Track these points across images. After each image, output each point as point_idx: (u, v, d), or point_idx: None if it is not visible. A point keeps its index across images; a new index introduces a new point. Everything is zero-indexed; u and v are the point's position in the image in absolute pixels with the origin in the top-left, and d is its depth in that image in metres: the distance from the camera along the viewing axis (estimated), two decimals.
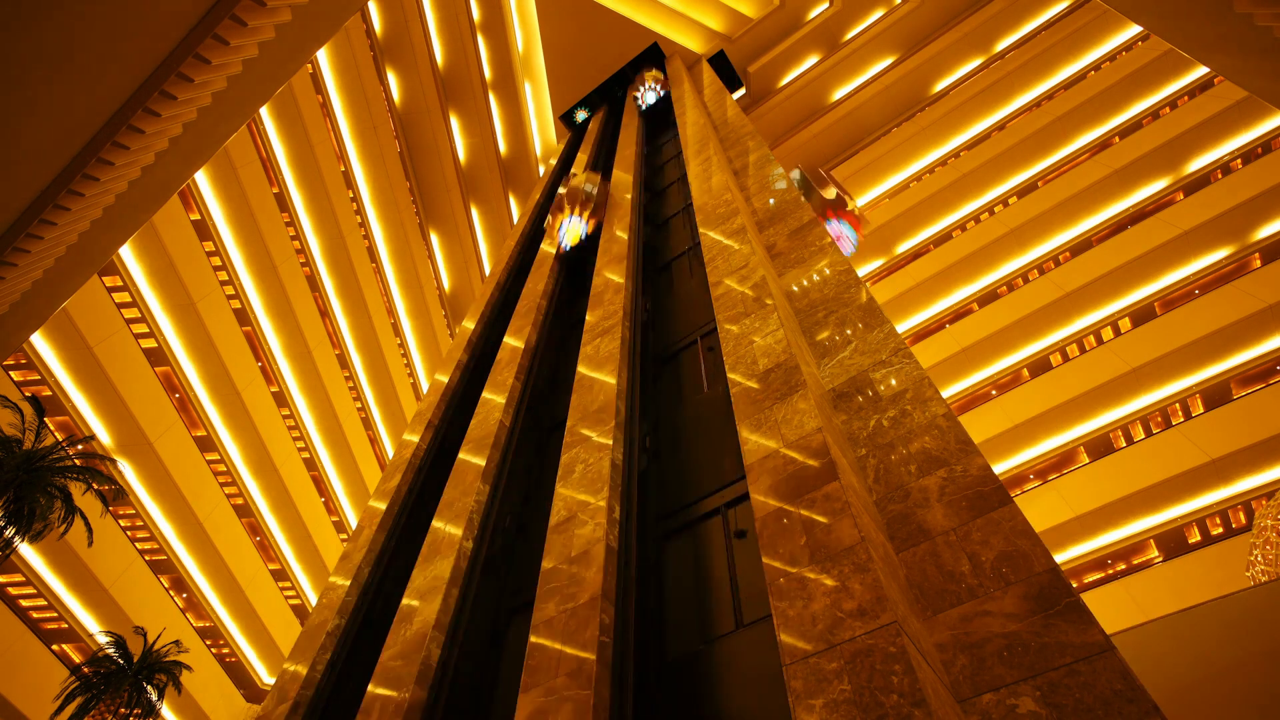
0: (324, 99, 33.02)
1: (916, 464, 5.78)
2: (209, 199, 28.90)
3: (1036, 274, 26.62)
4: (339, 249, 35.60)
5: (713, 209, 12.22)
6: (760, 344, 7.60)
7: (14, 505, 18.95)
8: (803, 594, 4.74)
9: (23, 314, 13.08)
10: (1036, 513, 21.06)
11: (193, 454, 29.70)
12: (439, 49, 34.26)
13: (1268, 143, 23.48)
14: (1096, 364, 22.86)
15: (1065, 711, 3.73)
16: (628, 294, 11.91)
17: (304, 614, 36.53)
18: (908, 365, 6.87)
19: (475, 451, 10.68)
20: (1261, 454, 19.07)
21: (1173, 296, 23.30)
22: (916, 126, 32.60)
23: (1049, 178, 28.09)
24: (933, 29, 33.25)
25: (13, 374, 24.60)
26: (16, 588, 25.32)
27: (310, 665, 9.19)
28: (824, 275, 9.32)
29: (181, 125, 11.34)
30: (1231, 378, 21.15)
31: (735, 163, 16.31)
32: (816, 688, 4.11)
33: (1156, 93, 26.48)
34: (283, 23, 11.01)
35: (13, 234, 11.04)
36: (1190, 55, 10.15)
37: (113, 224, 12.59)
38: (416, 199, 39.45)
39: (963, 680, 4.21)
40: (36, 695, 23.18)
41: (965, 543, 4.94)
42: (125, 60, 9.90)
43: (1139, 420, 22.30)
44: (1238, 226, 22.54)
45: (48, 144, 10.31)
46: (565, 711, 5.43)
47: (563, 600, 6.42)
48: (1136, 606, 18.65)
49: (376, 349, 39.66)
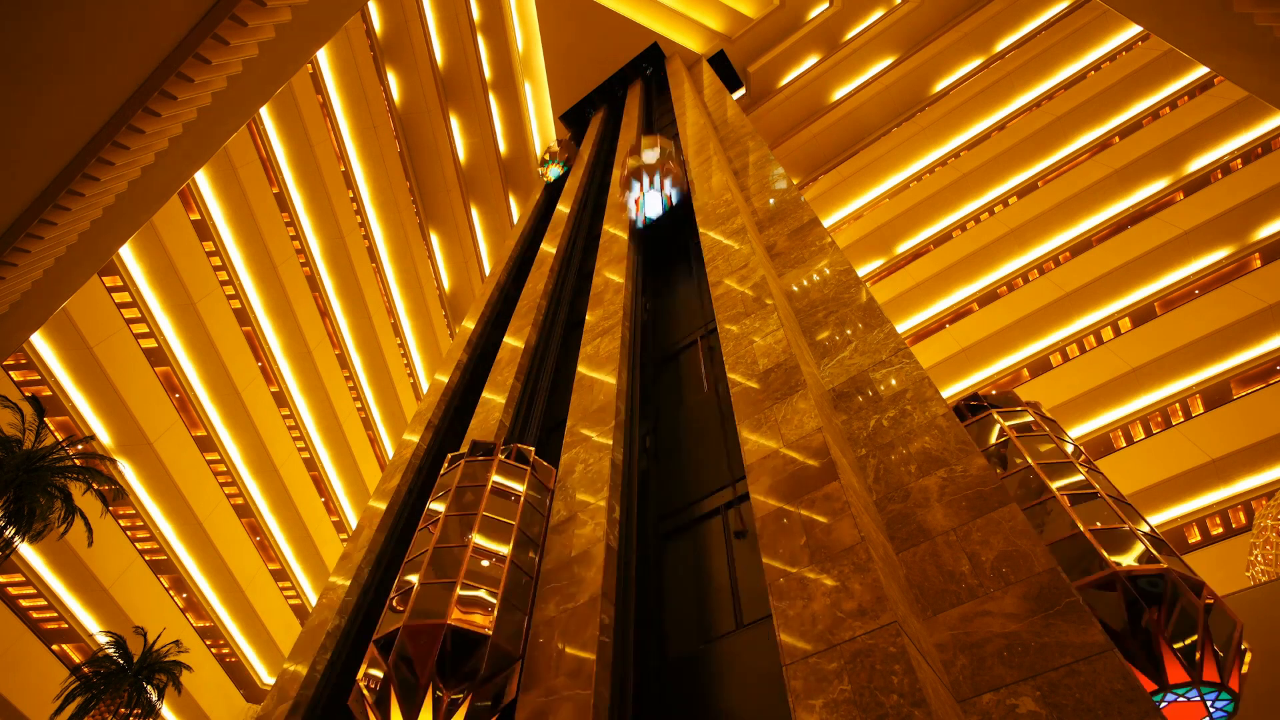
0: (324, 99, 33.03)
1: (916, 464, 5.78)
2: (209, 199, 28.90)
3: (1036, 274, 26.61)
4: (339, 249, 35.61)
5: (713, 209, 12.22)
6: (760, 344, 7.60)
7: (14, 505, 18.94)
8: (803, 594, 4.74)
9: (23, 314, 13.08)
10: None
11: (193, 454, 29.71)
12: (439, 49, 34.27)
13: (1268, 143, 23.48)
14: (1096, 364, 22.85)
15: (1065, 711, 3.73)
16: (628, 294, 11.91)
17: (304, 614, 36.52)
18: (908, 365, 6.87)
19: None
20: (1261, 454, 19.06)
21: (1173, 296, 23.30)
22: (916, 126, 32.60)
23: (1049, 178, 28.09)
24: (933, 29, 33.26)
25: (13, 374, 24.60)
26: (16, 588, 25.33)
27: (310, 665, 9.19)
28: (824, 275, 9.32)
29: (181, 125, 11.34)
30: (1231, 378, 21.15)
31: (735, 163, 16.31)
32: (816, 688, 4.11)
33: (1156, 93, 26.48)
34: (283, 23, 11.01)
35: (13, 234, 11.05)
36: (1190, 55, 10.15)
37: (113, 224, 12.59)
38: (416, 199, 39.46)
39: (963, 680, 4.21)
40: (36, 695, 23.18)
41: (965, 543, 4.94)
42: (125, 60, 9.91)
43: (1139, 420, 22.29)
44: (1238, 226, 22.53)
45: (48, 144, 10.31)
46: (565, 711, 5.43)
47: (563, 600, 6.42)
48: None
49: (376, 349, 39.66)
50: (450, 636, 5.80)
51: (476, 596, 6.25)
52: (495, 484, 7.56)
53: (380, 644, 6.02)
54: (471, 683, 5.75)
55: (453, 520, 7.15)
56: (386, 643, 5.97)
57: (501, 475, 7.75)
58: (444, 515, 7.18)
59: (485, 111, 35.64)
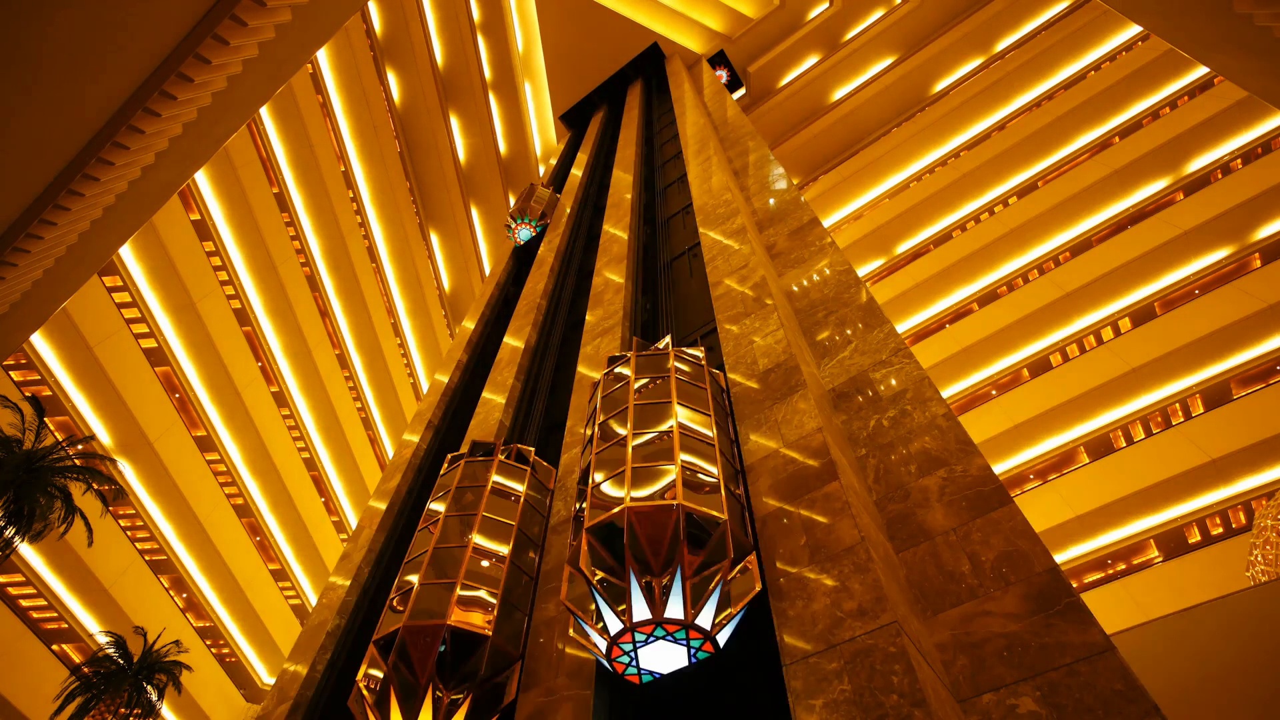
0: (324, 99, 33.02)
1: (916, 464, 5.78)
2: (209, 199, 28.90)
3: (1036, 274, 26.61)
4: (339, 249, 35.60)
5: (713, 209, 12.22)
6: (760, 344, 7.60)
7: (14, 505, 18.93)
8: (803, 594, 4.74)
9: (23, 314, 13.08)
10: (1036, 513, 21.04)
11: (193, 454, 29.70)
12: (439, 49, 34.26)
13: (1268, 143, 23.48)
14: (1096, 364, 22.85)
15: (1065, 711, 3.73)
16: (627, 294, 11.91)
17: (304, 614, 36.52)
18: (908, 365, 6.87)
19: None
20: (1261, 454, 19.05)
21: (1173, 296, 23.29)
22: (916, 126, 32.60)
23: (1049, 178, 28.09)
24: (933, 29, 33.26)
25: (13, 374, 24.59)
26: (16, 588, 25.31)
27: (310, 665, 9.19)
28: (824, 275, 9.31)
29: (181, 125, 11.33)
30: (1231, 378, 21.14)
31: (735, 163, 16.30)
32: (816, 687, 4.11)
33: (1156, 93, 26.48)
34: (283, 23, 11.00)
35: (13, 234, 11.04)
36: (1190, 55, 10.15)
37: (113, 224, 12.58)
38: (416, 199, 39.45)
39: (963, 680, 4.21)
40: (36, 695, 23.17)
41: (965, 543, 4.94)
42: (125, 60, 9.90)
43: (1139, 420, 22.29)
44: (1238, 226, 22.53)
45: (48, 144, 10.31)
46: (565, 711, 5.43)
47: None
48: (1136, 606, 18.63)
49: (376, 349, 39.66)
50: (450, 637, 5.77)
51: (476, 597, 6.22)
52: (495, 484, 7.55)
53: (380, 644, 5.99)
54: (471, 683, 5.73)
55: (453, 521, 7.13)
56: (386, 643, 5.94)
57: (501, 475, 7.74)
58: (444, 515, 7.16)
59: (485, 111, 35.63)
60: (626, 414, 6.37)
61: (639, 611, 4.88)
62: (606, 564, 5.17)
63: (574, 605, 5.34)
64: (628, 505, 5.18)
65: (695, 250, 13.01)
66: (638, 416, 6.30)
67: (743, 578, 5.08)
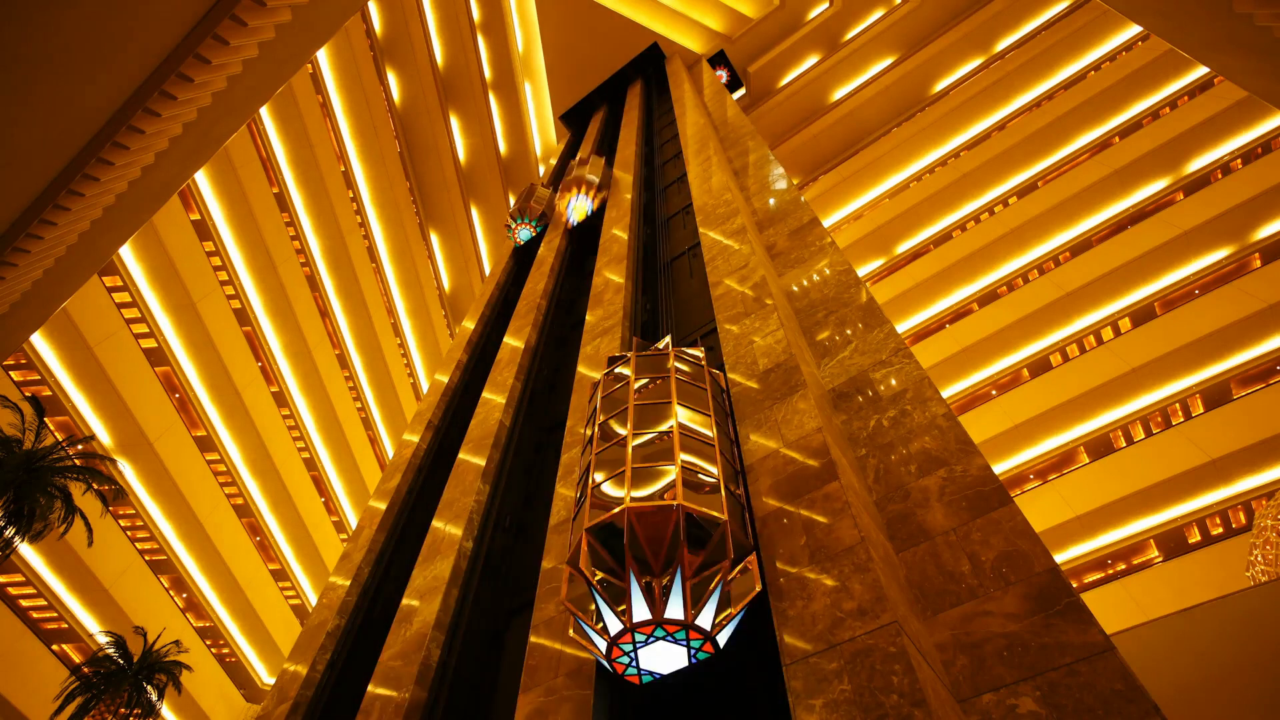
0: (324, 99, 33.02)
1: (916, 464, 5.78)
2: (209, 199, 28.91)
3: (1036, 274, 26.61)
4: (339, 249, 35.61)
5: (713, 209, 12.22)
6: (760, 344, 7.60)
7: (14, 505, 18.95)
8: (803, 594, 4.74)
9: (23, 314, 13.08)
10: (1036, 513, 21.05)
11: (193, 454, 29.72)
12: (439, 49, 34.26)
13: (1268, 143, 23.48)
14: (1096, 364, 22.85)
15: (1065, 712, 3.73)
16: (628, 294, 11.91)
17: (304, 614, 36.53)
18: (908, 365, 6.87)
19: (475, 451, 10.68)
20: (1261, 454, 19.06)
21: (1173, 296, 23.30)
22: (916, 126, 32.60)
23: (1049, 178, 28.09)
24: (933, 29, 33.27)
25: (13, 374, 24.60)
26: (16, 588, 25.33)
27: (310, 665, 9.19)
28: (824, 275, 9.31)
29: (181, 125, 11.33)
30: (1231, 378, 21.15)
31: (735, 163, 16.30)
32: (816, 687, 4.11)
33: (1156, 93, 26.49)
34: (283, 23, 11.01)
35: (13, 234, 11.05)
36: (1190, 55, 10.15)
37: (113, 224, 12.59)
38: (416, 199, 39.45)
39: (963, 680, 4.21)
40: (36, 695, 23.19)
41: (965, 543, 4.94)
42: (125, 60, 9.90)
43: (1139, 420, 22.29)
44: (1238, 226, 22.53)
45: (48, 144, 10.31)
46: (565, 711, 5.43)
47: None
48: (1136, 606, 18.64)
49: (376, 349, 39.67)
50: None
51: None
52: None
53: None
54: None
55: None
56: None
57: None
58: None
59: (485, 111, 35.63)
60: (626, 414, 6.29)
61: (639, 612, 4.85)
62: (606, 564, 5.11)
63: (574, 605, 5.32)
64: (628, 505, 5.12)
65: (695, 250, 13.01)
66: (638, 416, 6.22)
67: (743, 578, 5.02)
